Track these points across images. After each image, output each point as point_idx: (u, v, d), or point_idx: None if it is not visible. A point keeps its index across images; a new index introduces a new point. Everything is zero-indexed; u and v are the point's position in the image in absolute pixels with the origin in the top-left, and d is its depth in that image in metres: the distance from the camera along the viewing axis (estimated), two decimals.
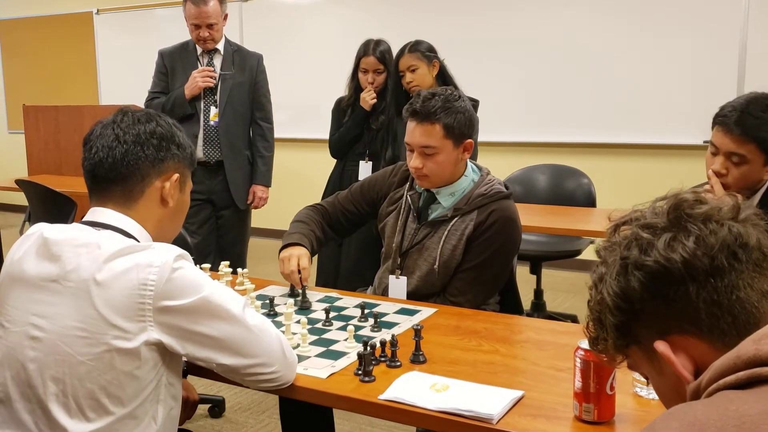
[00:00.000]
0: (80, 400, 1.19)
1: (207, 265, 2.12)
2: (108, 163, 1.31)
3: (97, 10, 6.70)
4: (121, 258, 1.21)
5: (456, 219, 1.99)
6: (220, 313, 1.25)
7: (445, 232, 1.99)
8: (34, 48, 7.20)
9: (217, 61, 3.31)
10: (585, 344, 1.26)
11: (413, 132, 1.96)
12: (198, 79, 3.20)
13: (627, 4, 4.47)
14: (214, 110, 3.27)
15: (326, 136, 3.43)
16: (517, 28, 4.81)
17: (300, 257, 1.95)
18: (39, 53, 7.17)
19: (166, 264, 1.21)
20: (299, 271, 1.92)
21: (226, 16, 3.29)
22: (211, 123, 3.27)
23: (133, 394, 1.21)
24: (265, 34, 5.72)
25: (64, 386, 1.19)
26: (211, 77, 3.22)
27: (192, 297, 1.22)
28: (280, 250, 2.01)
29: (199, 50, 3.30)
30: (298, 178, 5.62)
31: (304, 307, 1.88)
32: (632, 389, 1.35)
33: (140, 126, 1.34)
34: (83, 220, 1.34)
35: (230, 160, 3.31)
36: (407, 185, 2.12)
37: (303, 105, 5.57)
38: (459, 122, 1.93)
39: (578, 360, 1.26)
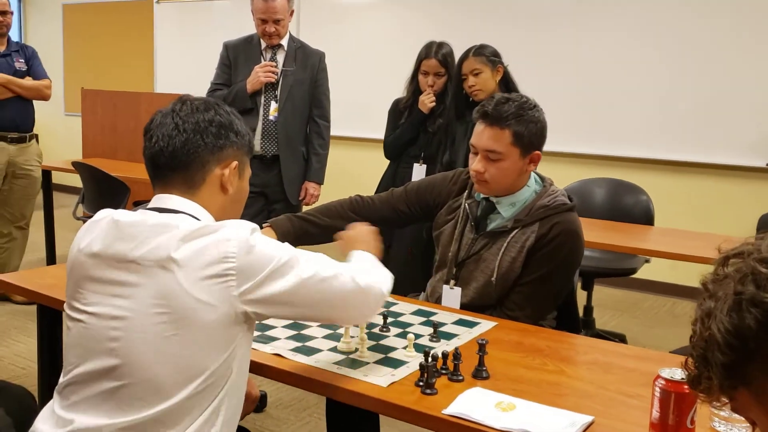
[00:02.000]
0: (163, 377, 1.19)
1: None
2: (168, 152, 1.32)
3: (158, 0, 6.79)
4: (199, 237, 1.22)
5: (516, 231, 1.93)
6: (296, 275, 1.26)
7: (505, 244, 1.93)
8: (94, 33, 7.35)
9: (280, 57, 3.31)
10: (666, 373, 1.20)
11: (481, 134, 1.90)
12: (260, 74, 3.20)
13: (696, 21, 4.34)
14: (274, 105, 3.28)
15: (379, 135, 3.41)
16: (583, 37, 4.71)
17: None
18: (99, 38, 7.31)
19: (244, 238, 1.23)
20: None
21: (292, 12, 3.29)
22: (270, 118, 3.27)
23: (211, 369, 1.21)
24: (322, 30, 5.73)
25: (145, 363, 1.20)
26: (273, 72, 3.22)
27: (269, 266, 1.23)
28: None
29: (263, 45, 3.30)
30: (349, 177, 5.60)
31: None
32: (709, 423, 1.29)
33: (199, 114, 1.35)
34: (149, 206, 1.34)
35: (286, 155, 3.31)
36: (465, 193, 2.08)
37: (357, 104, 5.55)
38: (530, 132, 1.88)
39: (658, 389, 1.21)
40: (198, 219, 1.31)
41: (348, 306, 1.35)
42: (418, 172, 3.28)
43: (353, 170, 5.63)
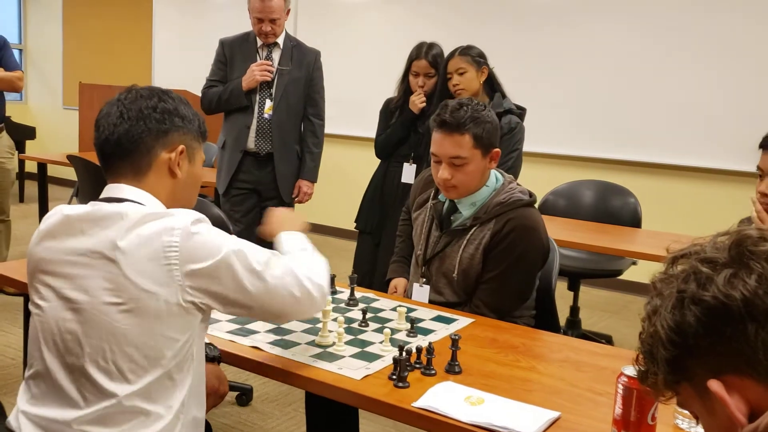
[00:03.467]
0: (120, 363, 1.22)
1: None
2: (114, 140, 1.34)
3: None
4: (144, 225, 1.25)
5: (475, 228, 1.98)
6: (241, 269, 1.29)
7: (465, 241, 1.98)
8: (94, 27, 7.36)
9: (276, 55, 3.32)
10: (629, 371, 1.23)
11: (442, 143, 1.95)
12: (256, 72, 3.22)
13: (685, 25, 4.37)
14: (269, 103, 3.29)
15: (372, 134, 3.43)
16: (572, 41, 4.74)
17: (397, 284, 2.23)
18: (98, 32, 7.32)
19: (186, 227, 1.25)
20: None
21: (288, 11, 3.30)
22: (265, 116, 3.29)
23: (169, 355, 1.25)
24: (318, 28, 5.75)
25: (104, 353, 1.22)
26: (268, 71, 3.24)
27: (215, 257, 1.26)
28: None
29: (259, 42, 3.31)
30: (341, 175, 5.64)
31: (350, 305, 1.90)
32: (673, 421, 1.32)
33: (143, 101, 1.37)
34: (100, 198, 1.36)
35: (280, 154, 3.32)
36: (432, 192, 2.12)
37: (351, 102, 5.58)
38: (487, 132, 1.94)
39: (620, 386, 1.24)
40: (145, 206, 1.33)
41: (294, 303, 1.37)
42: (408, 171, 3.31)
43: (347, 168, 5.66)
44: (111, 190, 1.36)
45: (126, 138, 1.34)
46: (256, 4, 3.20)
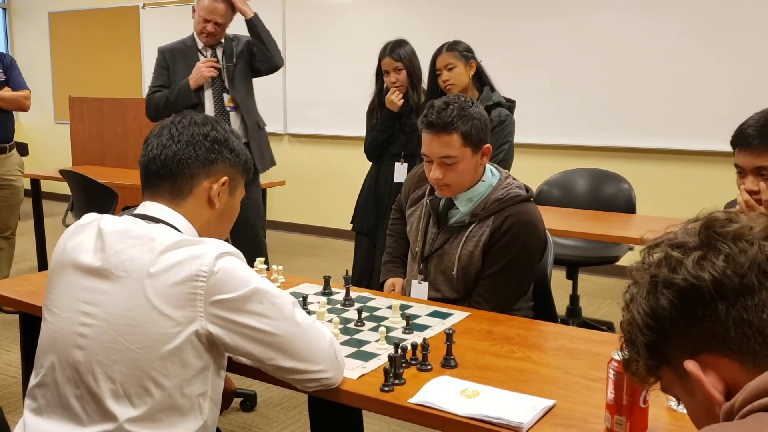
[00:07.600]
0: (127, 386, 1.22)
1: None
2: (160, 160, 1.36)
3: (143, 5, 6.82)
4: (174, 250, 1.25)
5: (474, 225, 1.99)
6: (270, 308, 1.28)
7: (463, 238, 1.99)
8: (81, 40, 7.37)
9: (219, 52, 3.45)
10: (618, 355, 1.24)
11: (431, 143, 1.95)
12: (203, 69, 3.34)
13: (672, 8, 4.38)
14: (227, 97, 3.42)
15: (364, 134, 3.44)
16: (560, 29, 4.75)
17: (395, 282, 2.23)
18: (86, 46, 7.33)
19: (217, 257, 1.24)
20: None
21: (232, 19, 3.42)
22: (227, 109, 3.41)
23: (178, 383, 1.24)
24: (308, 28, 5.76)
25: (112, 372, 1.22)
26: (214, 67, 3.35)
27: (243, 290, 1.25)
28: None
29: (200, 45, 3.44)
30: (337, 176, 5.65)
31: (346, 305, 1.91)
32: (666, 403, 1.33)
33: (195, 128, 1.39)
34: (135, 212, 1.37)
35: (254, 136, 3.46)
36: (428, 188, 2.13)
37: (344, 102, 5.58)
38: (476, 128, 1.93)
39: (611, 371, 1.25)
40: (179, 230, 1.33)
41: (321, 348, 1.34)
42: (400, 170, 3.31)
43: (343, 169, 5.66)
44: (147, 207, 1.37)
45: (173, 160, 1.35)
46: (206, 4, 3.33)
